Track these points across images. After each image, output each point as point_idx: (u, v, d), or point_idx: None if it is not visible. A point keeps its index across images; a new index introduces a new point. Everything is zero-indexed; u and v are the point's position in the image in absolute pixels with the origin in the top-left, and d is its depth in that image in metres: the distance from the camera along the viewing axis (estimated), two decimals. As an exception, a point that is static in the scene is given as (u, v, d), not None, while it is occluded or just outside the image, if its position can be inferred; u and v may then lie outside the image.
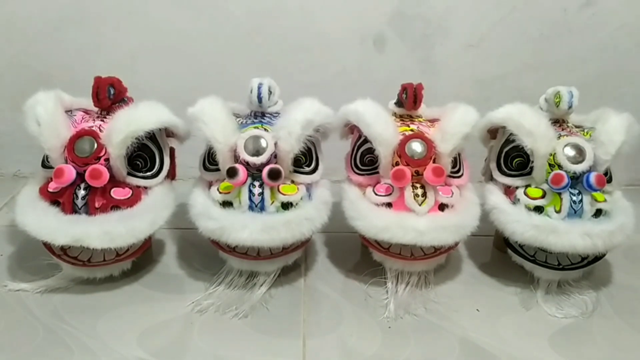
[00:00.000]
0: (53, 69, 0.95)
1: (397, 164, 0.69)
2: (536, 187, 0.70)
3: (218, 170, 0.69)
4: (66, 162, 0.66)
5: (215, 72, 0.96)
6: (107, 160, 0.66)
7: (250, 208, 0.66)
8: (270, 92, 0.70)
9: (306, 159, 0.71)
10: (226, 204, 0.67)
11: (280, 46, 0.95)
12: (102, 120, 0.70)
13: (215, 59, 0.96)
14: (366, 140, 0.71)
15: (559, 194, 0.68)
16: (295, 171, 0.70)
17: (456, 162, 0.72)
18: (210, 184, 0.70)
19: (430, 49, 0.97)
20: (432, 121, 0.75)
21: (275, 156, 0.67)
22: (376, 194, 0.70)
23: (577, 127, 0.75)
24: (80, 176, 0.65)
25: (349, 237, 0.78)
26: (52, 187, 0.67)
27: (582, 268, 0.71)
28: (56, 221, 0.64)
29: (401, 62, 0.97)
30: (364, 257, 0.78)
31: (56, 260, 0.69)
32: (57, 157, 0.66)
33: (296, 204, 0.68)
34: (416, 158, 0.68)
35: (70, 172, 0.64)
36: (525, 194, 0.70)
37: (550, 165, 0.69)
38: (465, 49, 0.97)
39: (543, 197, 0.69)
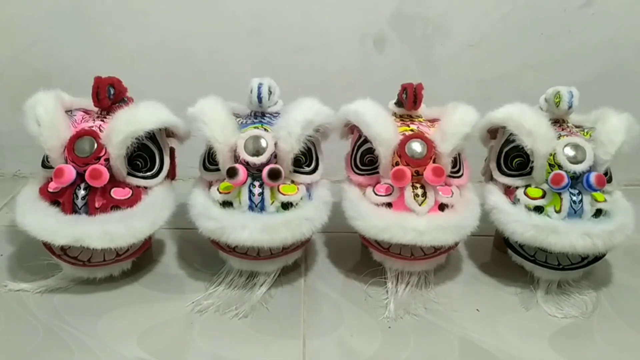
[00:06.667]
0: (53, 69, 0.95)
1: (397, 164, 0.69)
2: (536, 187, 0.70)
3: (218, 170, 0.69)
4: (66, 162, 0.66)
5: (215, 72, 0.96)
6: (107, 160, 0.66)
7: (250, 208, 0.66)
8: (270, 92, 0.70)
9: (306, 159, 0.71)
10: (226, 204, 0.67)
11: (280, 46, 0.95)
12: (102, 120, 0.70)
13: (215, 59, 0.96)
14: (366, 140, 0.70)
15: (559, 194, 0.68)
16: (295, 171, 0.70)
17: (456, 162, 0.72)
18: (210, 184, 0.70)
19: (430, 49, 0.97)
20: (432, 121, 0.75)
21: (275, 156, 0.67)
22: (376, 194, 0.70)
23: (577, 127, 0.75)
24: (80, 176, 0.65)
25: (349, 237, 0.78)
26: (52, 187, 0.67)
27: (582, 268, 0.71)
28: (56, 221, 0.64)
29: (401, 62, 0.97)
30: (364, 257, 0.78)
31: (56, 260, 0.69)
32: (57, 157, 0.66)
33: (296, 204, 0.68)
34: (416, 158, 0.68)
35: (70, 172, 0.64)
36: (525, 194, 0.70)
37: (550, 165, 0.69)
38: (465, 49, 0.97)
39: (543, 197, 0.69)
